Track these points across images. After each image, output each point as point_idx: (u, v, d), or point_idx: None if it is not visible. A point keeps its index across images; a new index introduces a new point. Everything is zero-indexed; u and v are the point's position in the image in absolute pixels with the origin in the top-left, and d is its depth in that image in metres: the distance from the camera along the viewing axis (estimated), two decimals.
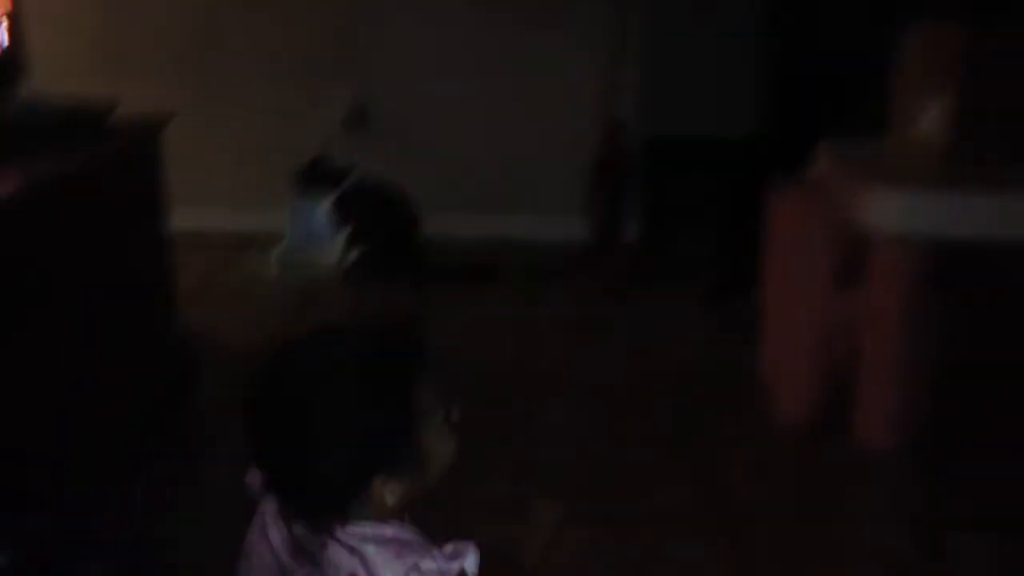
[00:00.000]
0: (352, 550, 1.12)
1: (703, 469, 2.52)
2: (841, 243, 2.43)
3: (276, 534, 1.19)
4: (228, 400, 2.75)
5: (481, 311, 3.56)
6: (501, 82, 4.14)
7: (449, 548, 1.14)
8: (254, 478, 1.20)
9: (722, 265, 3.72)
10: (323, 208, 3.86)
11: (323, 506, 1.15)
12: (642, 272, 3.89)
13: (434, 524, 1.22)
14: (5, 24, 2.50)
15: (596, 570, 2.10)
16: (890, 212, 2.35)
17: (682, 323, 3.46)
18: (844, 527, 2.30)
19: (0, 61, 2.48)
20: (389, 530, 1.15)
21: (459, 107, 4.15)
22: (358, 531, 1.14)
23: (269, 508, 1.21)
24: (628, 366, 3.13)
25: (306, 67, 4.14)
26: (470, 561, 1.14)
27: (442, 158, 4.17)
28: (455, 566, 1.13)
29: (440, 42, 4.13)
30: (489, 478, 2.38)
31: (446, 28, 4.12)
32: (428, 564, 1.12)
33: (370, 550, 1.12)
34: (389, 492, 1.15)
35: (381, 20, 4.12)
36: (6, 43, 2.50)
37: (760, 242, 2.95)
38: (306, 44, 4.12)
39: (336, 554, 1.13)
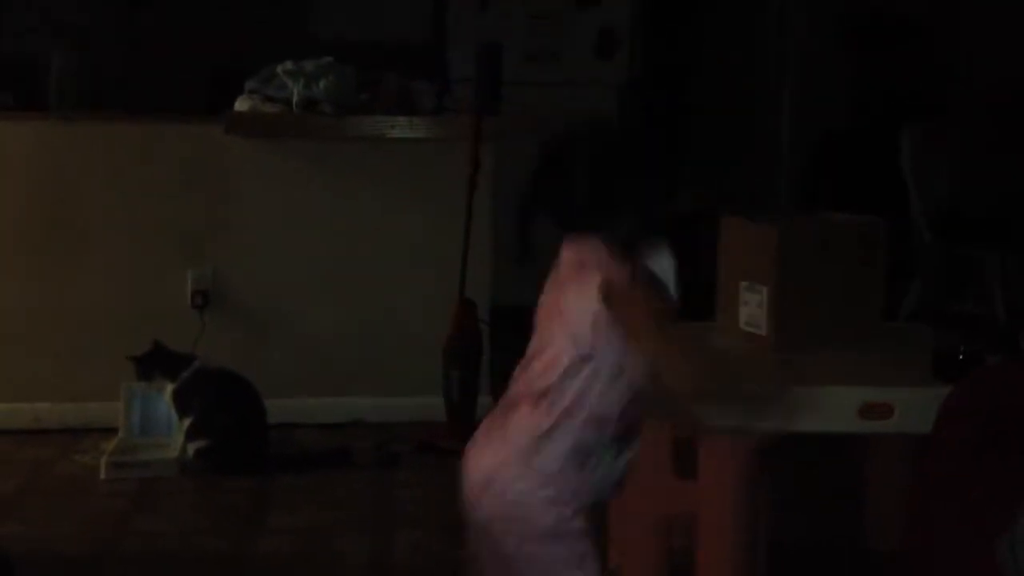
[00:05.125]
0: None
1: None
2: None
3: None
4: None
5: (333, 501, 3.37)
6: (349, 262, 4.07)
7: None
8: None
9: None
10: (162, 399, 3.66)
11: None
12: None
13: None
14: None
15: None
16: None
17: None
18: None
19: None
20: None
21: (306, 288, 4.06)
22: None
23: None
24: None
25: (145, 250, 4.00)
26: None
27: (290, 341, 4.04)
28: None
29: (286, 222, 4.06)
30: None
31: (291, 208, 4.06)
32: None
33: None
34: None
35: (226, 200, 4.03)
36: None
37: None
38: (146, 228, 3.99)
39: None
